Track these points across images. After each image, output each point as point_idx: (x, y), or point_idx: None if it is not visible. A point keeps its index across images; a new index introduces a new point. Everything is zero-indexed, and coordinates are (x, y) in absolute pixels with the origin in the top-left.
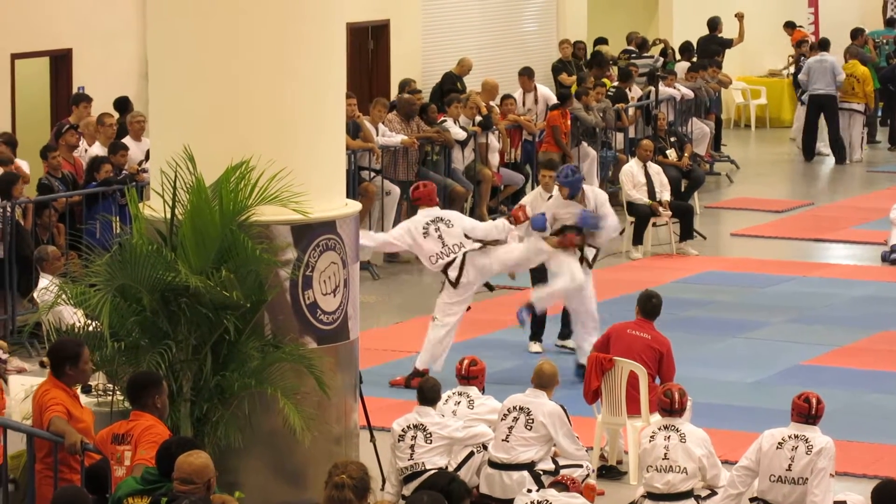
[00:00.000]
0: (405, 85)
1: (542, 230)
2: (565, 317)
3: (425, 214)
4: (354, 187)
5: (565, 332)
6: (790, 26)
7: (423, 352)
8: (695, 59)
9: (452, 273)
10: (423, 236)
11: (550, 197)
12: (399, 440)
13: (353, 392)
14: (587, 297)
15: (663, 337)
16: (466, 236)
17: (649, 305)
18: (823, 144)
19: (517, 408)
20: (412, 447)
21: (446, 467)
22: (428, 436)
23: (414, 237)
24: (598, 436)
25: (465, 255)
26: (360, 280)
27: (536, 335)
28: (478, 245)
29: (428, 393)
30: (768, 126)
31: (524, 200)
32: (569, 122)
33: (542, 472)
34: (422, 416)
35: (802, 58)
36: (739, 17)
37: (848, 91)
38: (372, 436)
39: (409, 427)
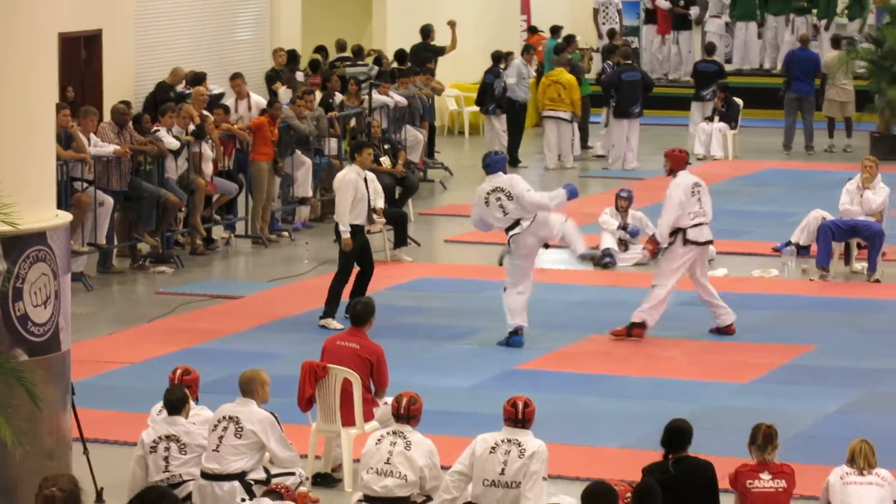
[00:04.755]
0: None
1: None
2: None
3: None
4: (67, 198)
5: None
6: (532, 31)
7: None
8: (408, 66)
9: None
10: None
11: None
12: (151, 451)
13: (65, 404)
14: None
15: (374, 345)
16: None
17: (354, 312)
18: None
19: (227, 417)
20: (166, 458)
21: None
22: (182, 447)
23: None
24: (312, 443)
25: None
26: (73, 291)
27: (330, 313)
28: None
29: (173, 401)
30: (482, 133)
31: (340, 178)
32: (274, 130)
33: (253, 482)
34: (172, 427)
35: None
36: (452, 24)
37: (555, 98)
38: (85, 448)
39: (160, 438)
